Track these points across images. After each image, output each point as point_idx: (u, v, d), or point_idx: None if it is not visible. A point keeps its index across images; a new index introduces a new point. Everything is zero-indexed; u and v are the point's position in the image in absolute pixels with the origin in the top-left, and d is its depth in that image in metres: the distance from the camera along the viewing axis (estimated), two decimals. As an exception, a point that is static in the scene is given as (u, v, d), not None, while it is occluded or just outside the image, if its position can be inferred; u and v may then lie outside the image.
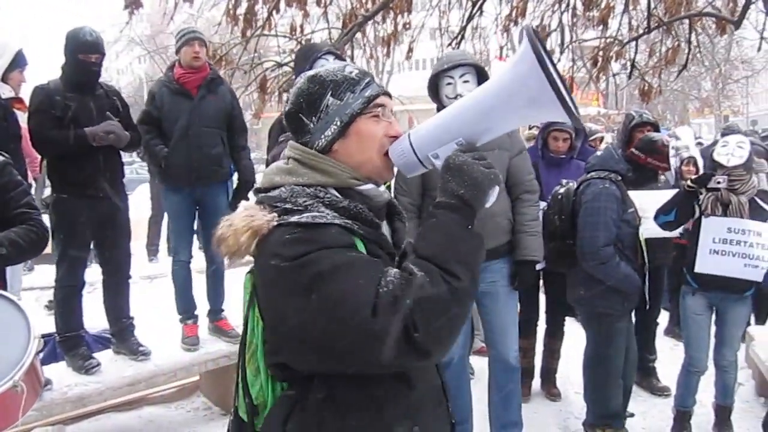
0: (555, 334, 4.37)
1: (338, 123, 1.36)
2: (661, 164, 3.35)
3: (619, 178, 3.30)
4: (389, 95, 1.44)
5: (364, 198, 1.37)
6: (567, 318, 4.35)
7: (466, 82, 3.11)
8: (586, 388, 3.57)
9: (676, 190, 3.84)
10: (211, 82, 4.03)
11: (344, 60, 3.49)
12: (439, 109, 3.19)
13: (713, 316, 3.57)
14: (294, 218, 1.25)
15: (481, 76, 3.14)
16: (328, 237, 1.22)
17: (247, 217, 1.29)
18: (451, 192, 1.24)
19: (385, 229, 1.47)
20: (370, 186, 1.39)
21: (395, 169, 1.41)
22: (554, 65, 1.25)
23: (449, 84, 3.12)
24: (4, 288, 2.49)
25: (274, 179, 1.37)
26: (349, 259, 1.20)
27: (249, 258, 1.34)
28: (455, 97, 3.03)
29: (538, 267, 3.53)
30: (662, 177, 4.42)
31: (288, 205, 1.28)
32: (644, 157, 3.36)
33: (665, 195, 3.66)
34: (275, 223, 1.26)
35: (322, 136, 1.36)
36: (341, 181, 1.35)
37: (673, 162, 5.33)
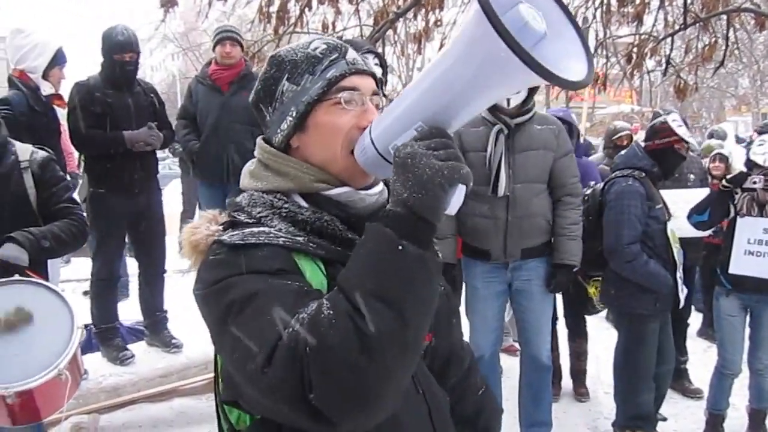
0: (579, 335, 4.34)
1: (293, 114, 1.10)
2: (669, 140, 3.26)
3: (643, 174, 3.25)
4: (368, 73, 1.14)
5: (337, 205, 1.10)
6: (591, 317, 4.30)
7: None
8: (616, 389, 3.53)
9: (706, 189, 3.77)
10: (244, 78, 4.09)
11: (384, 60, 3.40)
12: None
13: (747, 318, 3.50)
14: (225, 236, 1.04)
15: None
16: (253, 260, 0.99)
17: (191, 228, 1.12)
18: (395, 196, 0.92)
19: None
20: (343, 190, 1.10)
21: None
22: (560, 4, 0.97)
23: None
24: (47, 279, 2.56)
25: (244, 182, 1.18)
26: (263, 287, 0.95)
27: None
28: None
29: None
30: (691, 176, 4.36)
31: (242, 216, 1.09)
32: (652, 143, 3.32)
33: (695, 194, 3.60)
34: (213, 239, 1.07)
35: (279, 130, 1.13)
36: (302, 186, 1.10)
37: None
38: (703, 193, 3.61)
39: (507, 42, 0.81)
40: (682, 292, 3.29)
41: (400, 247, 0.88)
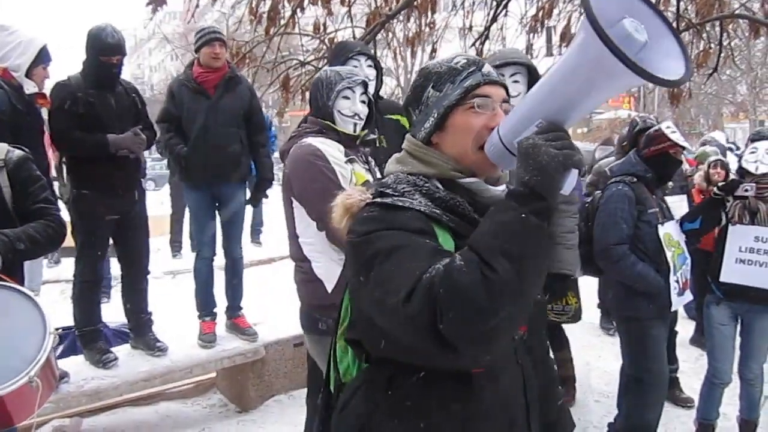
0: (560, 345, 4.29)
1: (435, 115, 1.34)
2: (662, 146, 3.25)
3: (635, 180, 3.24)
4: (499, 84, 1.37)
5: (467, 192, 1.32)
6: (582, 324, 4.27)
7: (516, 82, 2.98)
8: (621, 394, 3.48)
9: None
10: (229, 81, 4.03)
11: (376, 60, 3.40)
12: None
13: (738, 327, 3.47)
14: (378, 198, 1.28)
15: (533, 76, 3.02)
16: (399, 218, 1.22)
17: (346, 195, 1.35)
18: (518, 179, 1.13)
19: None
20: (473, 180, 1.33)
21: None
22: (657, 11, 1.14)
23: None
24: (23, 283, 2.51)
25: (389, 168, 1.41)
26: (408, 241, 1.17)
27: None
28: None
29: None
30: (670, 184, 4.34)
31: (388, 190, 1.29)
32: (648, 150, 3.31)
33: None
34: (365, 203, 1.30)
35: (422, 129, 1.37)
36: (442, 173, 1.33)
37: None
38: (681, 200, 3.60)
39: (615, 53, 0.99)
40: (678, 297, 3.25)
41: (522, 215, 1.08)
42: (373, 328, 1.24)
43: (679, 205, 3.70)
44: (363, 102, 2.58)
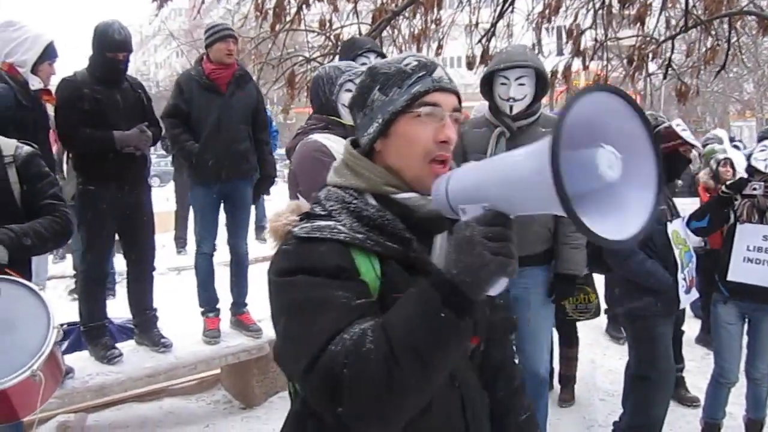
0: (571, 341, 4.29)
1: (380, 121, 1.24)
2: (672, 144, 3.23)
3: None
4: (451, 91, 1.25)
5: (402, 208, 1.22)
6: (588, 323, 4.25)
7: (521, 85, 2.93)
8: (626, 393, 3.47)
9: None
10: (240, 78, 4.04)
11: (385, 56, 3.35)
12: (490, 108, 3.07)
13: (745, 326, 3.45)
14: (296, 228, 1.20)
15: (541, 80, 2.98)
16: (314, 256, 1.14)
17: (275, 216, 1.28)
18: (446, 267, 1.04)
19: (442, 242, 1.28)
20: (410, 195, 1.22)
21: None
22: (656, 150, 1.00)
23: (503, 84, 2.94)
24: (29, 278, 2.51)
25: (329, 178, 1.31)
26: (319, 297, 1.09)
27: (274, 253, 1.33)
28: (507, 100, 2.92)
29: None
30: (679, 182, 4.33)
31: (318, 208, 1.23)
32: None
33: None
34: (288, 228, 1.23)
35: (365, 134, 1.27)
36: (374, 187, 1.23)
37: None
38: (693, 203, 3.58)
39: (558, 191, 0.88)
40: (686, 295, 3.23)
41: (442, 315, 1.01)
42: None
43: (692, 208, 3.67)
44: None
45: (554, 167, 0.88)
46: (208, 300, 4.17)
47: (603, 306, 4.07)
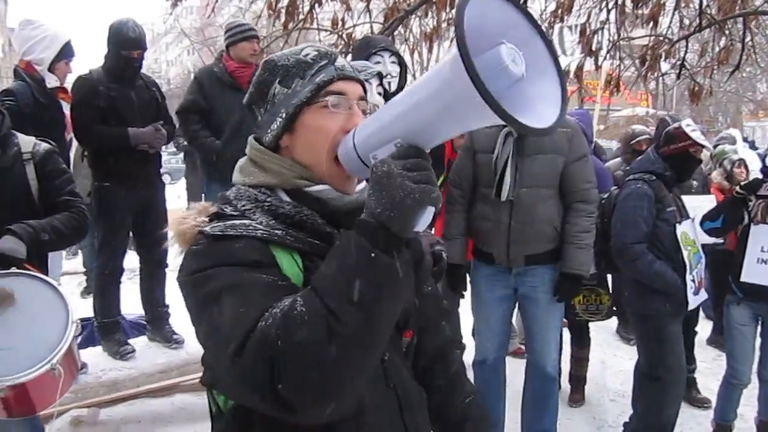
0: (582, 341, 4.28)
1: (283, 115, 1.16)
2: (682, 144, 3.22)
3: (654, 178, 3.21)
4: (355, 80, 1.20)
5: (317, 202, 1.15)
6: (598, 323, 4.26)
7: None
8: (635, 394, 3.47)
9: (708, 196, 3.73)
10: None
11: (400, 55, 3.35)
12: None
13: (758, 328, 3.43)
14: (207, 228, 1.10)
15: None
16: (230, 251, 1.06)
17: (180, 218, 1.16)
18: (368, 209, 0.97)
19: None
20: (323, 187, 1.16)
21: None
22: (546, 41, 1.00)
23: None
24: (47, 273, 2.54)
25: (234, 177, 1.24)
26: (239, 280, 1.01)
27: None
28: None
29: None
30: (694, 182, 4.31)
31: (228, 209, 1.14)
32: (667, 149, 3.27)
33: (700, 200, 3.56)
34: (197, 230, 1.12)
35: (269, 130, 1.19)
36: (286, 182, 1.16)
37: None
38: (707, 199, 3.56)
39: (478, 89, 0.86)
40: (694, 296, 3.22)
41: (372, 255, 0.94)
42: (217, 377, 1.12)
43: (708, 206, 3.66)
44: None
45: (467, 64, 0.85)
46: None
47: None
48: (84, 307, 3.89)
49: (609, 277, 4.03)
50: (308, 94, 1.15)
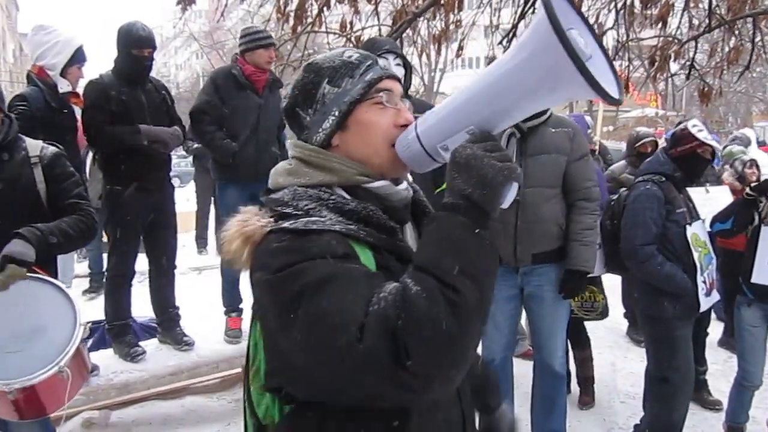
0: (579, 342, 4.27)
1: (336, 113, 1.20)
2: (689, 145, 3.21)
3: (663, 179, 3.20)
4: (396, 79, 1.26)
5: (376, 197, 1.20)
6: (605, 323, 4.24)
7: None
8: (646, 396, 3.46)
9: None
10: (273, 83, 4.14)
11: (405, 58, 3.39)
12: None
13: (770, 330, 3.41)
14: (286, 224, 1.10)
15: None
16: (320, 246, 1.06)
17: (240, 222, 1.15)
18: (457, 191, 1.03)
19: (410, 232, 1.29)
20: (382, 183, 1.20)
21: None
22: (592, 30, 1.08)
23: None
24: (56, 276, 2.56)
25: (278, 180, 1.24)
26: (338, 270, 1.02)
27: None
28: None
29: None
30: (707, 184, 4.31)
31: (288, 209, 1.14)
32: (675, 150, 3.27)
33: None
34: (268, 230, 1.12)
35: (320, 130, 1.21)
36: (347, 179, 1.19)
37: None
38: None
39: (577, 64, 0.94)
40: (706, 298, 3.20)
41: (476, 231, 1.01)
42: (301, 374, 1.09)
43: (723, 196, 3.65)
44: None
45: (559, 34, 0.93)
46: (232, 300, 4.22)
47: (610, 307, 4.07)
48: (88, 310, 3.91)
49: (604, 277, 4.01)
50: (361, 92, 1.20)
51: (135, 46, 3.59)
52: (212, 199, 7.95)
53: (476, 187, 1.02)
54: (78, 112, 3.68)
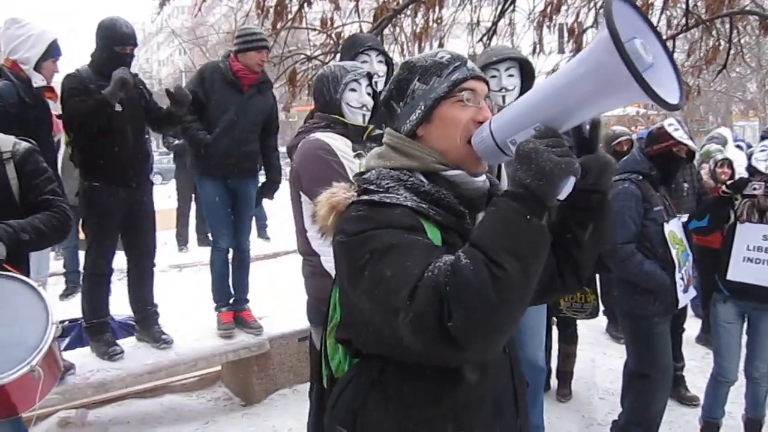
0: (569, 338, 4.31)
1: (422, 107, 1.35)
2: (665, 144, 3.24)
3: (640, 177, 3.23)
4: (482, 80, 1.39)
5: (451, 185, 1.34)
6: (590, 321, 4.27)
7: (511, 76, 3.00)
8: (624, 391, 3.49)
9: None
10: (262, 84, 4.14)
11: (387, 55, 3.40)
12: None
13: (745, 326, 3.45)
14: (365, 196, 1.28)
15: (524, 71, 3.04)
16: (390, 216, 1.22)
17: (330, 193, 1.34)
18: (517, 180, 1.15)
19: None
20: (457, 172, 1.35)
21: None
22: (659, 36, 1.18)
23: (494, 77, 2.99)
24: (28, 274, 2.52)
25: (369, 163, 1.41)
26: (403, 240, 1.18)
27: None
28: (500, 90, 2.97)
29: None
30: (685, 184, 4.34)
31: (372, 186, 1.30)
32: (651, 149, 3.30)
33: None
34: (351, 201, 1.30)
35: (407, 121, 1.37)
36: (426, 166, 1.34)
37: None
38: None
39: (630, 69, 1.03)
40: (684, 294, 3.24)
41: (528, 216, 1.11)
42: (366, 328, 1.27)
43: None
44: (368, 94, 2.59)
45: (618, 47, 1.03)
46: (222, 295, 4.22)
47: (601, 307, 4.10)
48: (64, 308, 3.86)
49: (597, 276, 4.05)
50: (445, 90, 1.34)
51: (118, 43, 3.55)
52: (193, 196, 7.91)
53: (534, 178, 1.12)
54: (53, 107, 3.62)
